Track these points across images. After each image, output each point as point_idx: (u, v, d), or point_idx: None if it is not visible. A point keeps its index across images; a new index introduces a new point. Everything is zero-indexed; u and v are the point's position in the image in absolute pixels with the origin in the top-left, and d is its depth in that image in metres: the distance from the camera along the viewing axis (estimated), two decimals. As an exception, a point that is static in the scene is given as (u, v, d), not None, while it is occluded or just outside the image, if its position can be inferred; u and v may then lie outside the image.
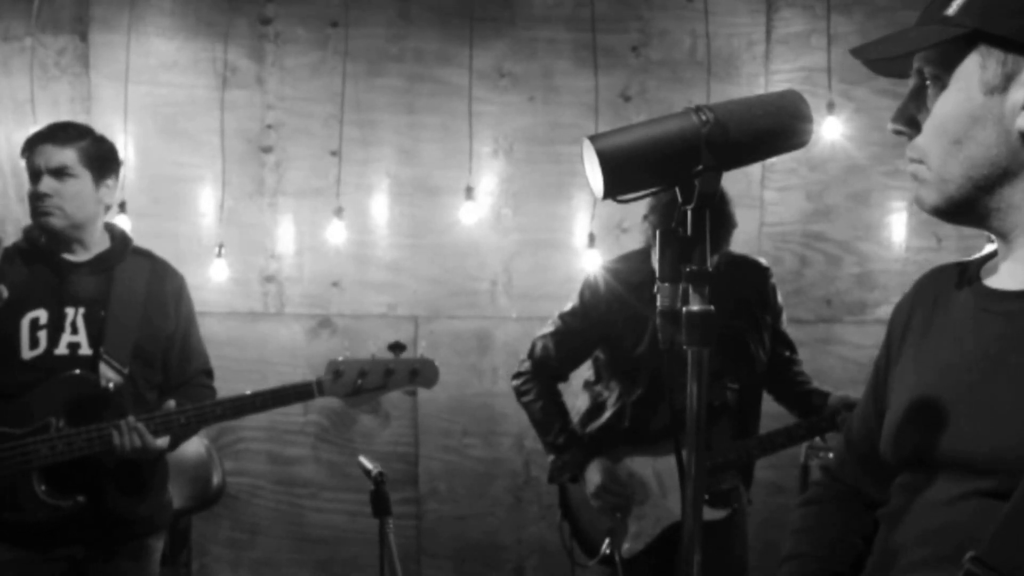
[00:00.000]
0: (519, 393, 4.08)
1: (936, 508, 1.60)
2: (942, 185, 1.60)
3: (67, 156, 3.44)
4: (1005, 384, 1.56)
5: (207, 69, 5.35)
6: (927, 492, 1.63)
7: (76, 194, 3.45)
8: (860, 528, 1.93)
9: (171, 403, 3.44)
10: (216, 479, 4.68)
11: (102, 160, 3.53)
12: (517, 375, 4.10)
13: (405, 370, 3.60)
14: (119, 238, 3.67)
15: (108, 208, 3.63)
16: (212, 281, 5.16)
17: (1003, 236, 1.65)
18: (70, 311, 3.46)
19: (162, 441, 3.40)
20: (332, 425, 5.42)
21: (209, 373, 3.81)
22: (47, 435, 3.33)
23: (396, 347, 3.58)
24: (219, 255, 5.17)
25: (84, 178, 3.46)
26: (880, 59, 1.67)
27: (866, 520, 1.91)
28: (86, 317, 3.46)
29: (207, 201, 5.36)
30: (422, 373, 3.64)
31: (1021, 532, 1.44)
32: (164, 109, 5.36)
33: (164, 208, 5.34)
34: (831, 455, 3.36)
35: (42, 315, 3.43)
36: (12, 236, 4.99)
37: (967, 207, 1.61)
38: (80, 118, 5.12)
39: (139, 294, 3.56)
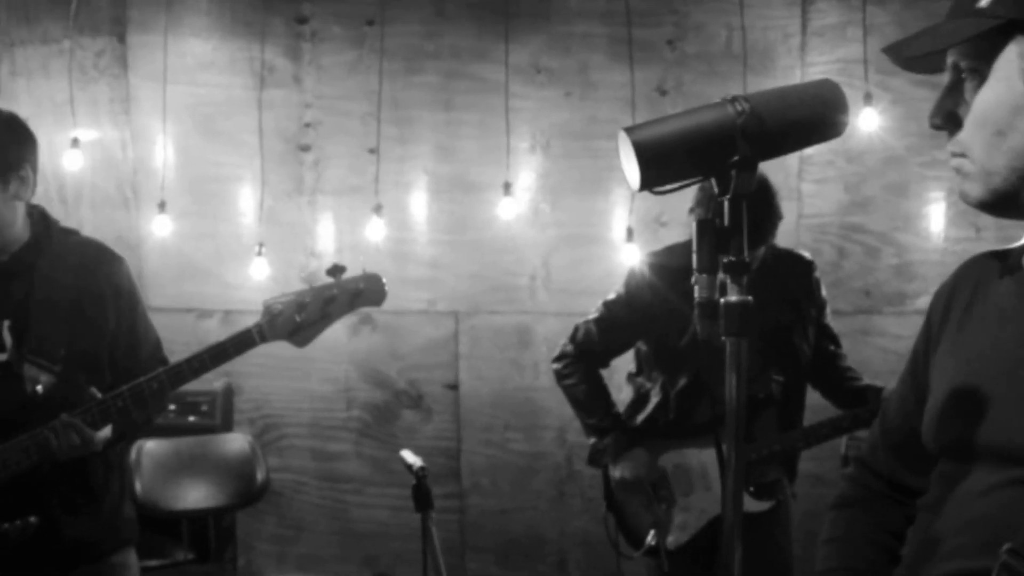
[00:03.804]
0: (560, 376, 4.05)
1: (974, 497, 1.60)
2: (987, 178, 1.58)
3: None
4: None
5: (244, 69, 5.38)
6: (966, 481, 1.62)
7: None
8: (891, 526, 1.92)
9: (94, 390, 2.95)
10: (260, 476, 4.73)
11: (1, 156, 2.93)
12: (559, 358, 4.07)
13: (347, 293, 3.06)
14: (39, 224, 3.10)
15: (29, 200, 3.05)
16: (252, 280, 5.18)
17: None
18: None
19: (104, 433, 2.94)
20: (374, 421, 5.45)
21: (163, 361, 3.21)
22: None
23: (335, 270, 3.05)
24: (259, 254, 5.19)
25: None
26: (913, 56, 1.65)
27: (897, 517, 1.91)
28: (12, 329, 2.98)
29: (246, 200, 5.40)
30: (366, 292, 3.07)
31: None
32: (202, 109, 5.40)
33: (204, 208, 5.39)
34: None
35: None
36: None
37: (1013, 199, 1.58)
38: (119, 119, 5.21)
39: (67, 288, 3.04)
